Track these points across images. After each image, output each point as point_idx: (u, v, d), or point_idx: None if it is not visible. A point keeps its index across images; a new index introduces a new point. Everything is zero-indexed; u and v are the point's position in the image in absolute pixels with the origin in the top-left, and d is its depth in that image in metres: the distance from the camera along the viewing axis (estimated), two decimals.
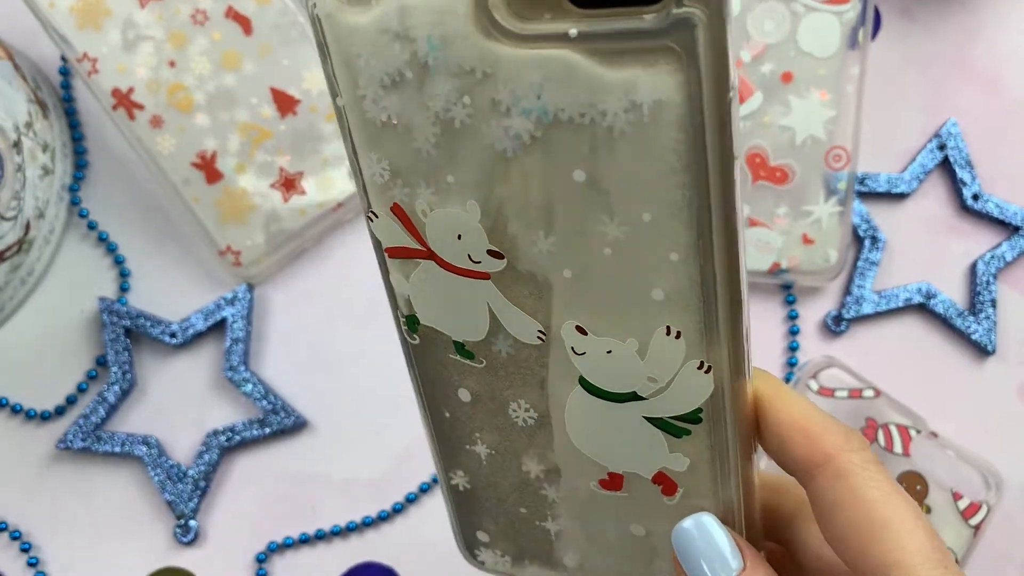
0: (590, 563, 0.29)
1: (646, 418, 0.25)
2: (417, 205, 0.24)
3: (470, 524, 0.30)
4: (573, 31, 0.20)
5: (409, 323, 0.26)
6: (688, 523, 0.25)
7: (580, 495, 0.27)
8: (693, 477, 0.25)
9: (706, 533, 0.25)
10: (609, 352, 0.24)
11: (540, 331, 0.25)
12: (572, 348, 0.24)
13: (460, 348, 0.26)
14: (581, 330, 0.24)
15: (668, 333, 0.23)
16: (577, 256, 0.23)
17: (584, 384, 0.25)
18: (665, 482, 0.26)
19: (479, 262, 0.24)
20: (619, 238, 0.22)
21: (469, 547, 0.31)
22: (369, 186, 0.24)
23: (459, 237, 0.24)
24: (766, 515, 0.27)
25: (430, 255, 0.24)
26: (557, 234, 0.23)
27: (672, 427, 0.25)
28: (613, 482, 0.26)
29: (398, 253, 0.25)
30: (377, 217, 0.24)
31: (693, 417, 0.24)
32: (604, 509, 0.27)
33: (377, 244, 0.25)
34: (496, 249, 0.24)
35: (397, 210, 0.24)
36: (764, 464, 0.29)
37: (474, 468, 0.28)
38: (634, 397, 0.25)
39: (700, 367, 0.23)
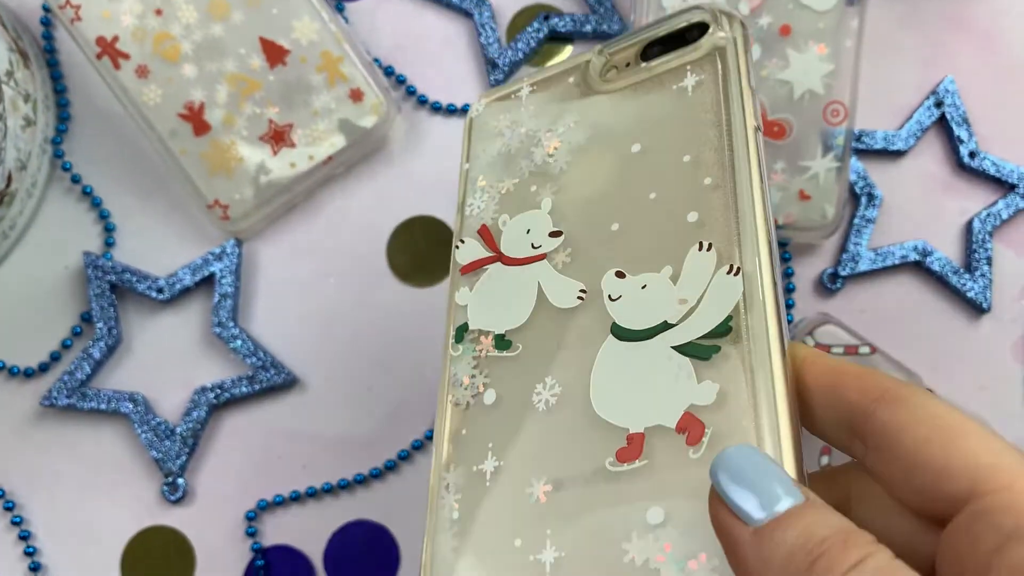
0: None
1: (675, 348, 0.24)
2: (500, 219, 0.30)
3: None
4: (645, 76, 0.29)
5: (457, 333, 0.29)
6: (733, 449, 0.21)
7: (589, 496, 0.24)
8: (723, 410, 0.23)
9: (756, 458, 0.21)
10: (644, 287, 0.26)
11: (581, 290, 0.27)
12: (608, 296, 0.26)
13: (500, 340, 0.28)
14: (620, 274, 0.26)
15: (700, 248, 0.25)
16: (625, 208, 0.27)
17: (615, 330, 0.26)
18: (691, 426, 0.23)
19: (539, 246, 0.29)
20: (663, 182, 0.27)
21: None
22: (467, 219, 0.31)
23: (527, 231, 0.29)
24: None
25: (498, 257, 0.29)
26: (612, 196, 0.28)
27: (700, 349, 0.24)
28: (632, 449, 0.24)
29: (470, 268, 0.30)
30: (464, 243, 0.30)
31: (723, 329, 0.24)
32: (614, 503, 0.24)
33: (455, 267, 0.30)
34: (556, 229, 0.29)
35: (483, 230, 0.30)
36: None
37: (475, 494, 0.26)
38: (664, 327, 0.25)
39: (729, 271, 0.24)
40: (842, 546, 0.19)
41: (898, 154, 0.46)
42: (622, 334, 0.25)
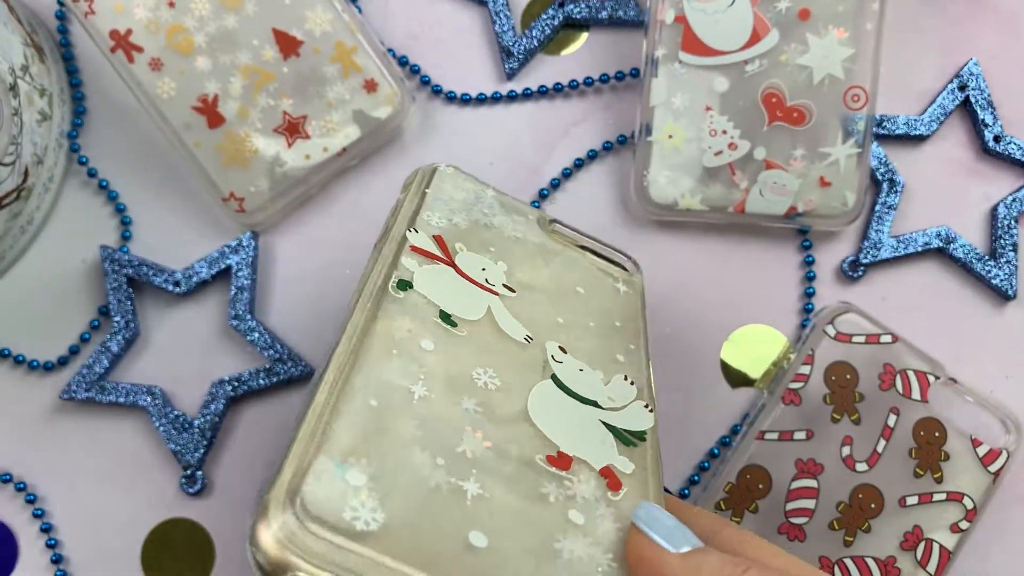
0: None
1: (602, 422, 0.31)
2: (457, 245, 0.34)
3: (341, 454, 0.24)
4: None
5: (400, 285, 0.31)
6: (649, 504, 0.28)
7: (521, 474, 0.27)
8: (635, 482, 0.29)
9: (666, 513, 0.27)
10: (581, 371, 0.32)
11: (528, 335, 0.32)
12: (552, 356, 0.32)
13: (445, 317, 0.31)
14: (563, 349, 0.32)
15: (626, 379, 0.33)
16: (568, 316, 0.34)
17: (556, 381, 0.31)
18: (611, 477, 0.29)
19: (493, 285, 0.33)
20: (599, 321, 0.35)
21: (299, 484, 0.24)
22: (420, 221, 0.34)
23: (483, 269, 0.34)
24: None
25: (452, 265, 0.33)
26: (558, 302, 0.35)
27: (624, 436, 0.30)
28: (562, 461, 0.28)
29: (422, 253, 0.33)
30: (418, 233, 0.34)
31: (640, 435, 0.31)
32: (542, 494, 0.27)
33: (402, 242, 0.33)
34: (511, 286, 0.34)
35: (439, 240, 0.34)
36: None
37: (396, 404, 0.26)
38: (596, 404, 0.31)
39: (646, 407, 0.32)
40: (760, 568, 0.25)
41: (920, 139, 0.45)
42: (561, 387, 0.31)
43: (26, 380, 0.45)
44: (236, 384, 0.44)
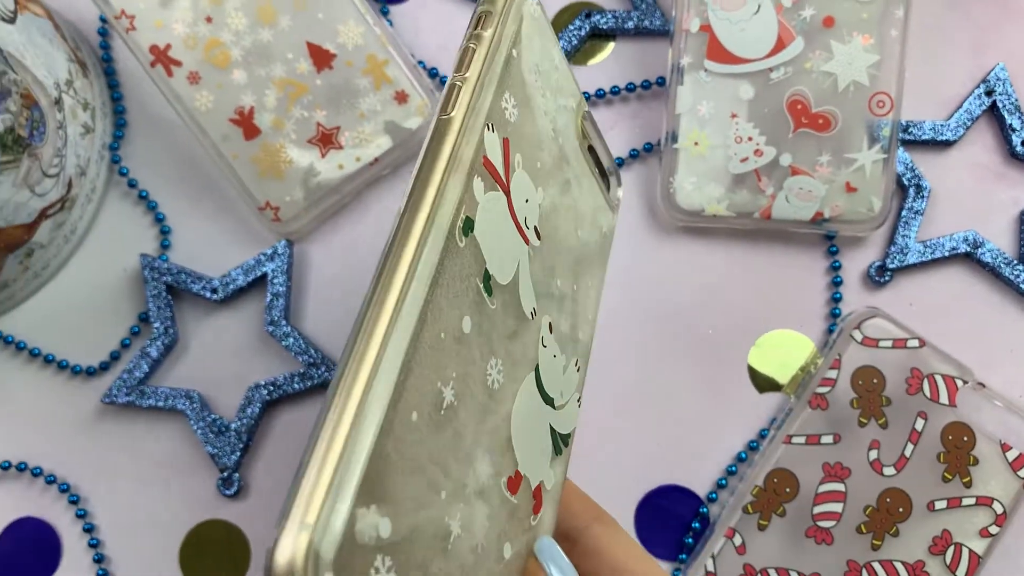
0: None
1: (550, 426, 0.29)
2: (516, 159, 0.26)
3: (371, 501, 0.20)
4: None
5: (466, 226, 0.24)
6: (549, 540, 0.28)
7: (494, 490, 0.25)
8: (549, 501, 0.28)
9: (560, 552, 0.28)
10: (555, 356, 0.29)
11: (534, 309, 0.27)
12: (542, 338, 0.28)
13: (487, 280, 0.25)
14: (550, 327, 0.28)
15: (576, 367, 0.30)
16: (566, 277, 0.30)
17: (536, 376, 0.27)
18: (537, 498, 0.27)
19: (528, 229, 0.27)
20: (587, 280, 0.32)
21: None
22: (496, 117, 0.25)
23: (527, 201, 0.27)
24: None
25: (507, 193, 0.26)
26: (562, 256, 0.30)
27: (557, 443, 0.29)
28: (514, 483, 0.26)
29: (491, 169, 0.25)
30: (492, 131, 0.25)
31: (566, 439, 0.29)
32: (501, 515, 0.25)
33: (478, 145, 0.24)
34: (539, 229, 0.28)
35: (505, 143, 0.25)
36: None
37: (430, 415, 0.22)
38: (551, 404, 0.29)
39: (578, 401, 0.30)
40: None
41: (947, 144, 0.46)
42: (538, 384, 0.28)
43: (69, 385, 0.46)
44: (272, 388, 0.45)
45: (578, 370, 0.29)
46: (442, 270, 0.22)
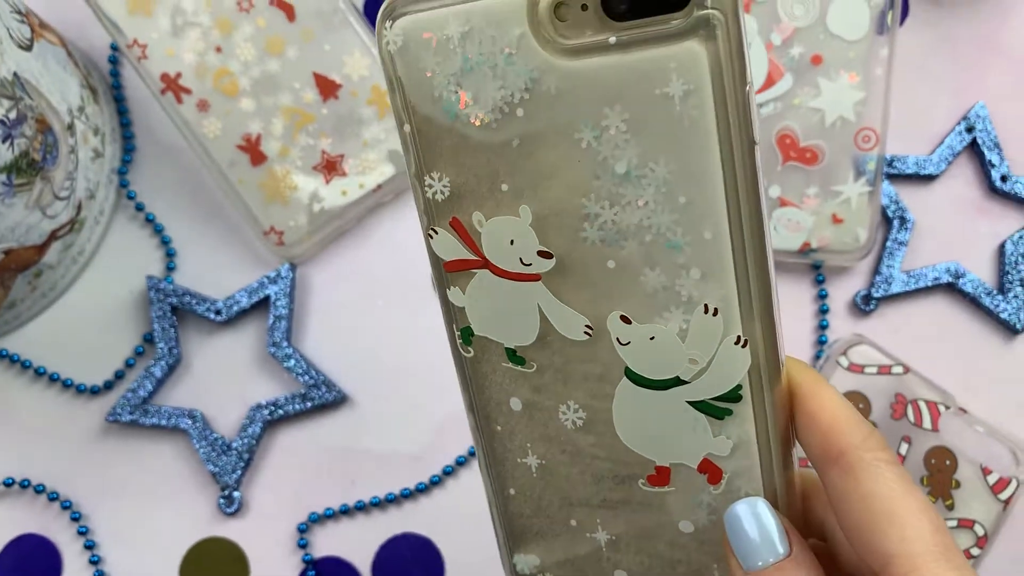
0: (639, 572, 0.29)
1: (689, 403, 0.26)
2: (474, 217, 0.26)
3: (521, 546, 0.30)
4: (612, 39, 0.23)
5: (464, 335, 0.27)
6: (740, 506, 0.26)
7: (630, 499, 0.28)
8: (737, 461, 0.26)
9: (757, 516, 0.26)
10: (652, 338, 0.25)
11: (587, 325, 0.26)
12: (617, 339, 0.26)
13: (512, 355, 0.27)
14: (625, 319, 0.25)
15: (707, 311, 0.25)
16: (621, 245, 0.25)
17: (629, 375, 0.26)
18: (711, 469, 0.26)
19: (530, 264, 0.26)
20: (659, 224, 0.24)
21: (518, 571, 0.31)
22: (431, 205, 0.26)
23: (511, 242, 0.25)
24: (807, 509, 0.28)
25: (485, 263, 0.26)
26: (602, 227, 0.25)
27: (714, 409, 0.26)
28: (660, 477, 0.27)
29: (456, 266, 0.26)
30: (437, 234, 0.26)
31: (733, 395, 0.25)
32: (653, 509, 0.28)
33: (436, 262, 0.27)
34: (546, 250, 0.25)
35: (456, 224, 0.26)
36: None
37: (525, 482, 0.29)
38: (677, 382, 0.26)
39: (737, 341, 0.25)
40: None
41: (930, 178, 0.47)
42: (637, 380, 0.26)
43: (74, 403, 0.47)
44: (273, 408, 0.46)
45: (716, 315, 0.24)
46: (466, 386, 0.28)
